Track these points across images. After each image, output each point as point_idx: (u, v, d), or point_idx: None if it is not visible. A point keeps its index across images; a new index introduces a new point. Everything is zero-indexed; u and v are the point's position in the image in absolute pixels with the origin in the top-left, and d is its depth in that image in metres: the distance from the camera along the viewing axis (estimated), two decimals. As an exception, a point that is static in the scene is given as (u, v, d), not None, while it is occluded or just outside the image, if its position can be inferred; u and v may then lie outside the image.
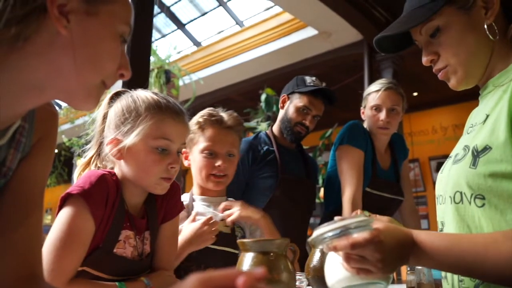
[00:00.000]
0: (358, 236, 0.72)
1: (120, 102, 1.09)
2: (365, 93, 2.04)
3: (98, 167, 1.13)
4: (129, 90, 1.13)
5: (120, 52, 0.72)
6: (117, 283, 1.00)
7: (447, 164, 0.91)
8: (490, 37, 0.85)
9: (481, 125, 0.82)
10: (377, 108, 1.95)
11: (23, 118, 0.73)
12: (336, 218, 0.79)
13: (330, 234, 0.73)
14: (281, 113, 2.01)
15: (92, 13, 0.67)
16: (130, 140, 1.03)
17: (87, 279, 0.99)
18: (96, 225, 0.98)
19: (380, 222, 0.76)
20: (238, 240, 0.92)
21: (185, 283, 0.40)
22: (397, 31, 0.92)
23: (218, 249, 1.37)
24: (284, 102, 2.02)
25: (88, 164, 1.14)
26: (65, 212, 0.96)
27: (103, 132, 1.12)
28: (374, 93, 1.98)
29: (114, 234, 1.03)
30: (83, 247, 0.96)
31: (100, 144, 1.13)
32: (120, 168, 1.08)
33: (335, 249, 0.74)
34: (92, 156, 1.15)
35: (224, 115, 1.48)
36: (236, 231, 1.47)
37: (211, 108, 1.51)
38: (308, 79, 1.98)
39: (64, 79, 0.67)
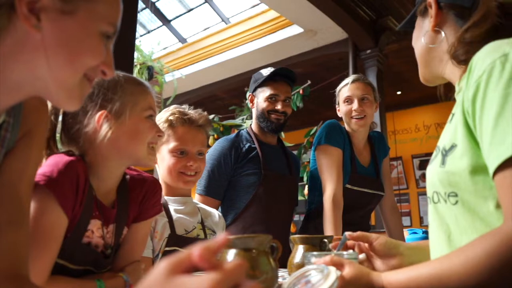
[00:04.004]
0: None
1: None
2: (337, 90, 2.10)
3: (55, 153, 1.04)
4: None
5: (104, 50, 0.67)
6: (96, 281, 0.98)
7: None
8: (423, 42, 0.91)
9: (448, 124, 0.84)
10: (349, 100, 2.00)
11: (7, 112, 0.70)
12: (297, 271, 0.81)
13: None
14: (254, 111, 2.05)
15: (68, 12, 0.61)
16: (128, 114, 1.03)
17: (60, 273, 0.95)
18: (69, 217, 0.94)
19: (351, 267, 0.76)
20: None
21: (154, 271, 0.39)
22: (400, 27, 1.05)
23: None
24: (252, 101, 2.06)
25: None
26: (34, 208, 0.89)
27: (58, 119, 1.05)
28: (343, 88, 2.04)
29: (83, 223, 0.99)
30: (57, 243, 0.93)
31: (53, 132, 1.06)
32: (102, 147, 1.02)
33: None
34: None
35: (195, 114, 1.46)
36: (208, 234, 1.46)
37: (178, 105, 1.50)
38: (264, 71, 2.03)
39: (41, 81, 0.63)
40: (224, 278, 0.37)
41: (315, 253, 0.86)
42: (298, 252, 1.11)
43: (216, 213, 1.59)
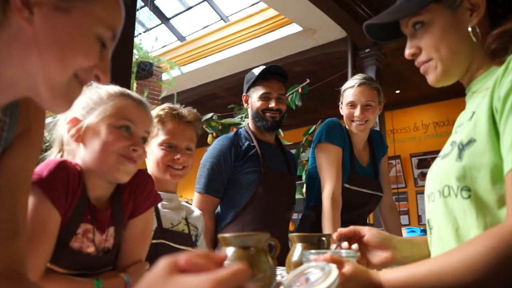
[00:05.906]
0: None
1: (81, 96, 1.07)
2: (342, 89, 2.08)
3: None
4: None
5: (99, 55, 0.66)
6: (94, 280, 0.97)
7: (436, 162, 0.93)
8: (473, 39, 0.85)
9: (468, 122, 0.84)
10: (352, 105, 1.99)
11: (3, 111, 0.70)
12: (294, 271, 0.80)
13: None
14: (249, 111, 2.07)
15: (63, 9, 0.61)
16: (90, 119, 1.01)
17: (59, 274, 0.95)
18: (61, 214, 0.94)
19: (350, 265, 0.76)
20: (219, 235, 0.92)
21: (154, 270, 0.39)
22: (385, 20, 0.94)
23: (177, 247, 1.40)
24: (246, 101, 2.08)
25: None
26: None
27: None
28: (349, 89, 2.01)
29: (72, 226, 0.99)
30: (52, 239, 0.93)
31: (61, 149, 1.09)
32: (79, 156, 1.04)
33: None
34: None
35: (184, 110, 1.50)
36: (192, 230, 1.50)
37: (170, 104, 1.53)
38: (256, 70, 2.03)
39: (31, 78, 0.62)
40: (225, 279, 0.37)
41: (313, 251, 0.86)
42: (296, 250, 1.11)
43: (197, 211, 1.63)
